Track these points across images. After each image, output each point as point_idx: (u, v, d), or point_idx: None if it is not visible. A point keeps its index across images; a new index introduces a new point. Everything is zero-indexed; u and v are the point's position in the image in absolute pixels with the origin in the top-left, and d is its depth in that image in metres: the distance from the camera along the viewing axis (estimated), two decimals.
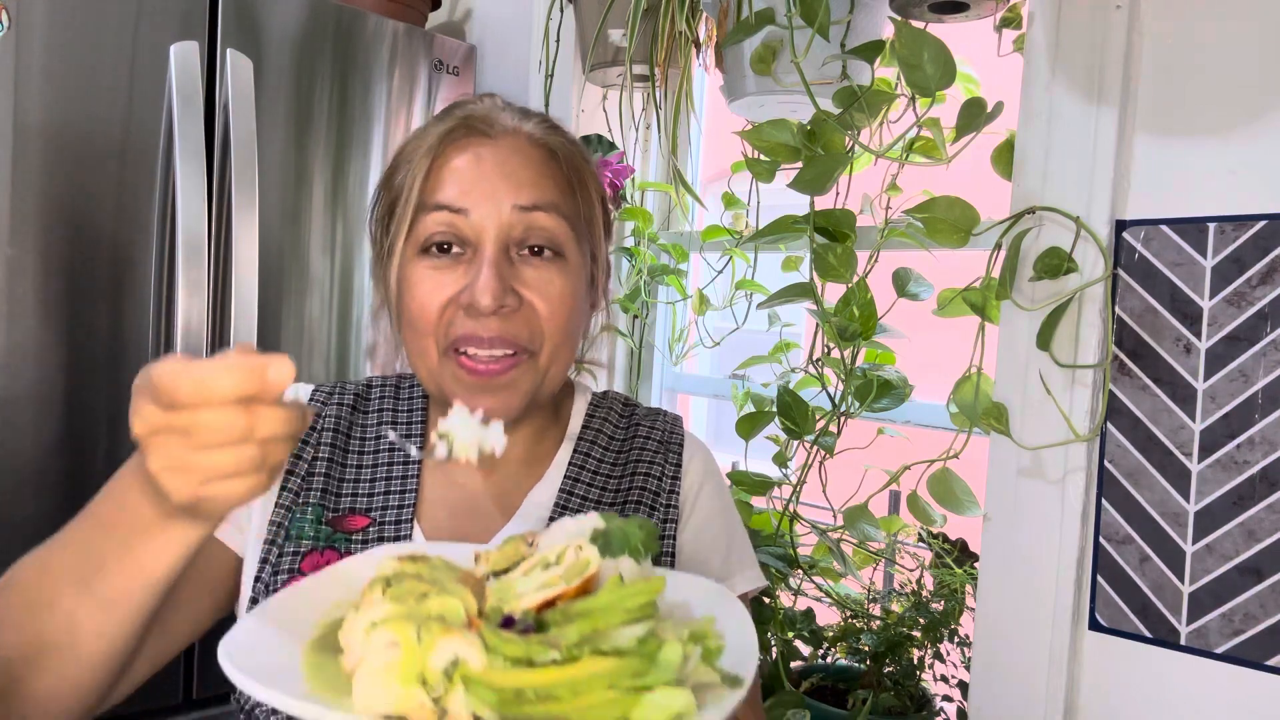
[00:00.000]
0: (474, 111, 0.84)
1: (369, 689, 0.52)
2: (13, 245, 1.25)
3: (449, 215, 0.79)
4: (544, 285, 0.80)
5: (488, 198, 0.79)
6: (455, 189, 0.80)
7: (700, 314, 1.61)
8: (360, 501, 0.84)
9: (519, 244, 0.80)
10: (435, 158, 0.81)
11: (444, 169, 0.81)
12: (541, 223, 0.80)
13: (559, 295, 0.81)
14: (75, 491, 1.32)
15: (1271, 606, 0.90)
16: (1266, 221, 0.90)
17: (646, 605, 0.56)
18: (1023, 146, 1.03)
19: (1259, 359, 0.91)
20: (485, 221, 0.79)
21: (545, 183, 0.82)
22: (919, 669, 1.19)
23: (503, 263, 0.79)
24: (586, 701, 0.50)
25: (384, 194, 0.86)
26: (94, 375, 1.33)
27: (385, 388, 0.93)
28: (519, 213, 0.80)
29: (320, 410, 0.89)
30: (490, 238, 0.79)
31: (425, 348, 0.80)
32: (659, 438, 0.92)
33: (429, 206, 0.80)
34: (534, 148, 0.83)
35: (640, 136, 1.72)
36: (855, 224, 1.16)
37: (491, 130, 0.83)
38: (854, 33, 1.10)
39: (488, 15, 1.87)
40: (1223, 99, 0.93)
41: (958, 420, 1.09)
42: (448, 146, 0.82)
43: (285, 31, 1.50)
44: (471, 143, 0.82)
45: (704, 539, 0.90)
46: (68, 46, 1.29)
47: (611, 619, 0.55)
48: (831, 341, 1.22)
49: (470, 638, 0.53)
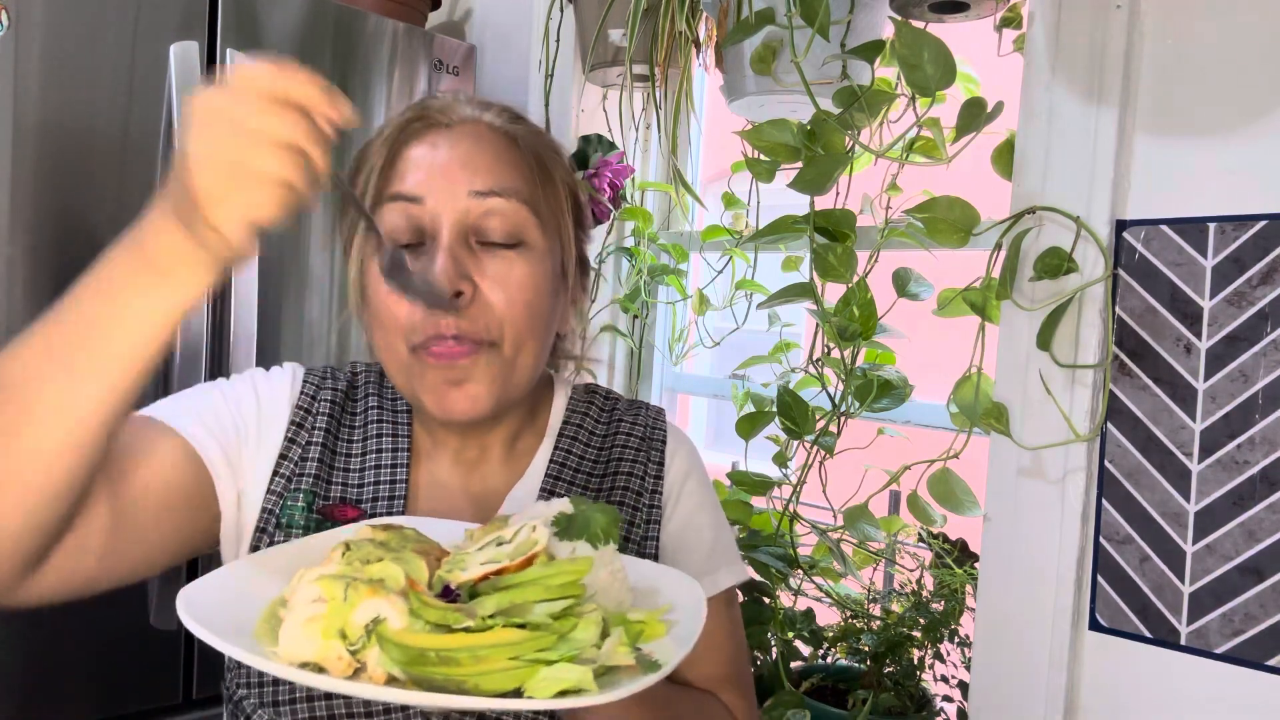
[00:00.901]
0: (431, 104, 0.83)
1: (293, 638, 0.56)
2: (12, 245, 1.25)
3: (405, 205, 0.78)
4: (502, 274, 0.79)
5: (443, 184, 0.78)
6: (411, 178, 0.79)
7: (700, 314, 1.61)
8: (351, 492, 0.84)
9: (477, 231, 0.79)
10: (391, 148, 0.80)
11: (400, 160, 0.80)
12: (499, 208, 0.79)
13: (518, 283, 0.79)
14: None
15: (1272, 606, 0.90)
16: (1267, 221, 0.90)
17: (569, 585, 0.58)
18: (1023, 146, 1.03)
19: (1259, 359, 0.91)
20: (440, 209, 0.78)
21: (503, 168, 0.80)
22: (919, 669, 1.19)
23: (460, 250, 0.77)
24: (485, 668, 0.53)
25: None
26: None
27: (370, 376, 0.92)
28: (475, 198, 0.78)
29: (315, 394, 0.87)
30: (446, 224, 0.78)
31: (395, 348, 0.80)
32: (641, 433, 0.92)
33: (385, 198, 0.79)
34: (493, 134, 0.82)
35: (640, 136, 1.72)
36: (855, 224, 1.16)
37: (449, 119, 0.82)
38: (854, 33, 1.10)
39: (488, 15, 1.87)
40: (1223, 99, 0.93)
41: (958, 420, 1.09)
42: (405, 137, 0.81)
43: (285, 31, 1.50)
44: (428, 133, 0.81)
45: (688, 534, 0.90)
46: (67, 46, 1.29)
47: (530, 594, 0.58)
48: (831, 341, 1.22)
49: (395, 600, 0.56)
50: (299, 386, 0.87)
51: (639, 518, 0.87)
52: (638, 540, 0.87)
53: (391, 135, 0.81)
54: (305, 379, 0.88)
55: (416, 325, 0.78)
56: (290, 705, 0.75)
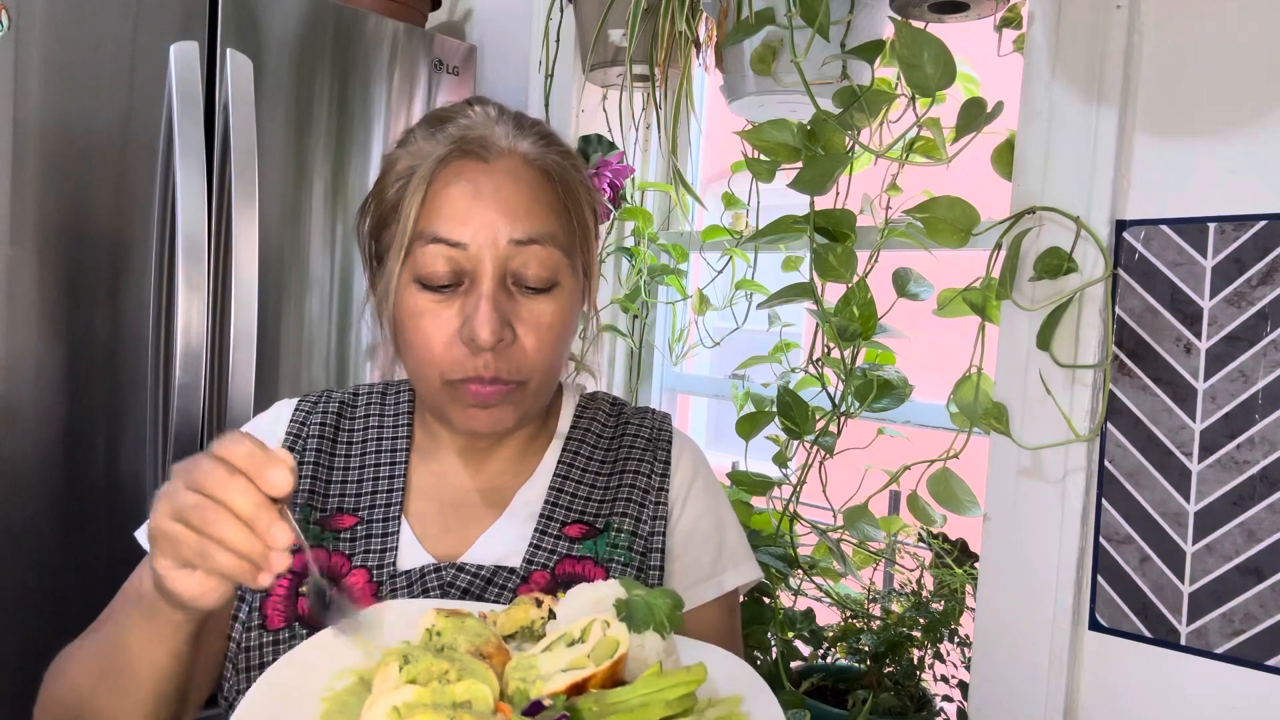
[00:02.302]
0: (469, 133, 0.83)
1: None
2: (13, 245, 1.25)
3: (447, 250, 0.80)
4: (535, 318, 0.82)
5: (485, 230, 0.80)
6: (452, 221, 0.80)
7: (700, 314, 1.61)
8: (348, 501, 0.86)
9: (516, 278, 0.82)
10: (430, 184, 0.81)
11: (440, 196, 0.81)
12: (537, 255, 0.81)
13: (549, 325, 0.83)
14: (75, 492, 1.32)
15: (1272, 606, 0.90)
16: (1266, 221, 0.90)
17: (687, 698, 0.54)
18: (1023, 146, 1.03)
19: (1259, 359, 0.91)
20: (482, 254, 0.80)
21: (540, 211, 0.83)
22: (919, 669, 1.19)
23: (500, 296, 0.80)
24: None
25: (375, 206, 0.86)
26: (93, 375, 1.33)
27: (372, 394, 0.95)
28: (515, 246, 0.81)
29: (305, 420, 0.91)
30: (487, 272, 0.80)
31: (429, 376, 0.82)
32: (647, 435, 0.93)
33: (426, 237, 0.81)
34: (529, 171, 0.83)
35: (640, 136, 1.72)
36: (855, 224, 1.16)
37: (488, 155, 0.83)
38: (854, 33, 1.10)
39: (488, 15, 1.87)
40: (1223, 99, 0.93)
41: (958, 420, 1.09)
42: (443, 172, 0.82)
43: (285, 31, 1.50)
44: (466, 169, 0.82)
45: (695, 537, 0.90)
46: (68, 47, 1.29)
47: (652, 714, 0.54)
48: (831, 341, 1.22)
49: None
50: (287, 421, 0.91)
51: (645, 515, 0.88)
52: (644, 538, 0.87)
53: (429, 172, 0.82)
54: (296, 408, 0.92)
55: (456, 363, 0.81)
56: None
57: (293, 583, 0.81)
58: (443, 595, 0.81)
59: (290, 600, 0.81)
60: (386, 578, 0.82)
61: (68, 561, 1.31)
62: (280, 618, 0.80)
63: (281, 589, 0.81)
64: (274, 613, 0.81)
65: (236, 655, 0.80)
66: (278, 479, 0.60)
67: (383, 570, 0.82)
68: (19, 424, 1.27)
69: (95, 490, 1.33)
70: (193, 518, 0.60)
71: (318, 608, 0.67)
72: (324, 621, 0.67)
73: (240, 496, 0.59)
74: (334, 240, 1.58)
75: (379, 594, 0.81)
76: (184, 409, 1.36)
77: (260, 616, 0.80)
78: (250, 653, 0.80)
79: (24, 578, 1.28)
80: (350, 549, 0.83)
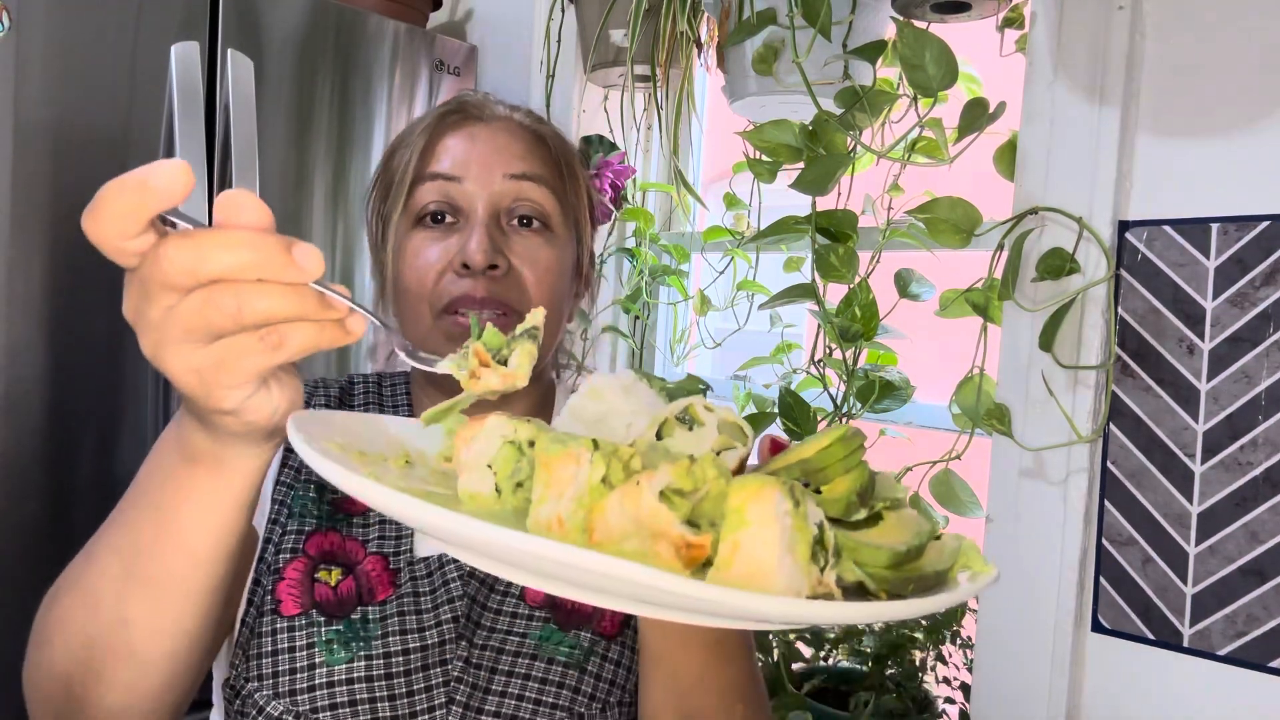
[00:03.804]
0: (469, 99, 0.89)
1: (784, 569, 0.40)
2: (13, 245, 1.25)
3: (444, 183, 0.83)
4: (531, 254, 0.84)
5: (480, 167, 0.84)
6: (448, 158, 0.84)
7: (701, 315, 1.61)
8: None
9: (509, 213, 0.84)
10: (432, 135, 0.86)
11: (439, 144, 0.85)
12: (530, 193, 0.84)
13: (545, 264, 0.84)
14: (72, 491, 1.32)
15: (1275, 608, 0.89)
16: (1269, 222, 0.90)
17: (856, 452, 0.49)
18: (1025, 147, 1.03)
19: (1262, 360, 0.90)
20: (477, 188, 0.83)
21: (534, 158, 0.86)
22: (921, 671, 1.19)
23: (494, 228, 0.83)
24: (937, 553, 0.45)
25: (381, 176, 0.89)
26: (93, 375, 1.32)
27: (368, 383, 0.93)
28: (509, 181, 0.84)
29: (309, 397, 0.89)
30: (482, 203, 0.83)
31: (419, 312, 0.83)
32: None
33: (425, 177, 0.84)
34: (524, 130, 0.88)
35: (641, 137, 1.72)
36: (857, 224, 1.15)
37: (484, 114, 0.88)
38: (856, 33, 1.10)
39: (489, 15, 1.87)
40: (1225, 99, 0.93)
41: (960, 421, 1.08)
42: (444, 125, 0.86)
43: (286, 31, 1.50)
44: (466, 123, 0.87)
45: None
46: (69, 47, 1.28)
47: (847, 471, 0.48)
48: (833, 342, 1.22)
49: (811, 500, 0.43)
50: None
51: None
52: None
53: (431, 124, 0.86)
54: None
55: (445, 289, 0.81)
56: (309, 692, 0.74)
57: (307, 566, 0.79)
58: (463, 584, 0.79)
59: (305, 585, 0.78)
60: (404, 564, 0.80)
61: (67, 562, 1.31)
62: (295, 604, 0.77)
63: (296, 572, 0.78)
64: (288, 598, 0.77)
65: (248, 641, 0.76)
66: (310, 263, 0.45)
67: (399, 557, 0.81)
68: (19, 423, 1.27)
69: (95, 490, 1.33)
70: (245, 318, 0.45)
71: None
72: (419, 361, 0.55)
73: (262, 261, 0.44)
74: (335, 240, 1.58)
75: (396, 581, 0.79)
76: None
77: (274, 601, 0.77)
78: (261, 639, 0.76)
79: (24, 578, 1.28)
80: (364, 535, 0.82)
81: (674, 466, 0.41)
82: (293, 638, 0.76)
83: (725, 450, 0.49)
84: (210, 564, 0.57)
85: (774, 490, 0.40)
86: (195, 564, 0.57)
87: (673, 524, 0.40)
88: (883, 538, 0.44)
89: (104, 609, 0.59)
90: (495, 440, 0.46)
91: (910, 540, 0.44)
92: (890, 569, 0.43)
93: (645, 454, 0.46)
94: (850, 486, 0.46)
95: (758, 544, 0.39)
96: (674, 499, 0.41)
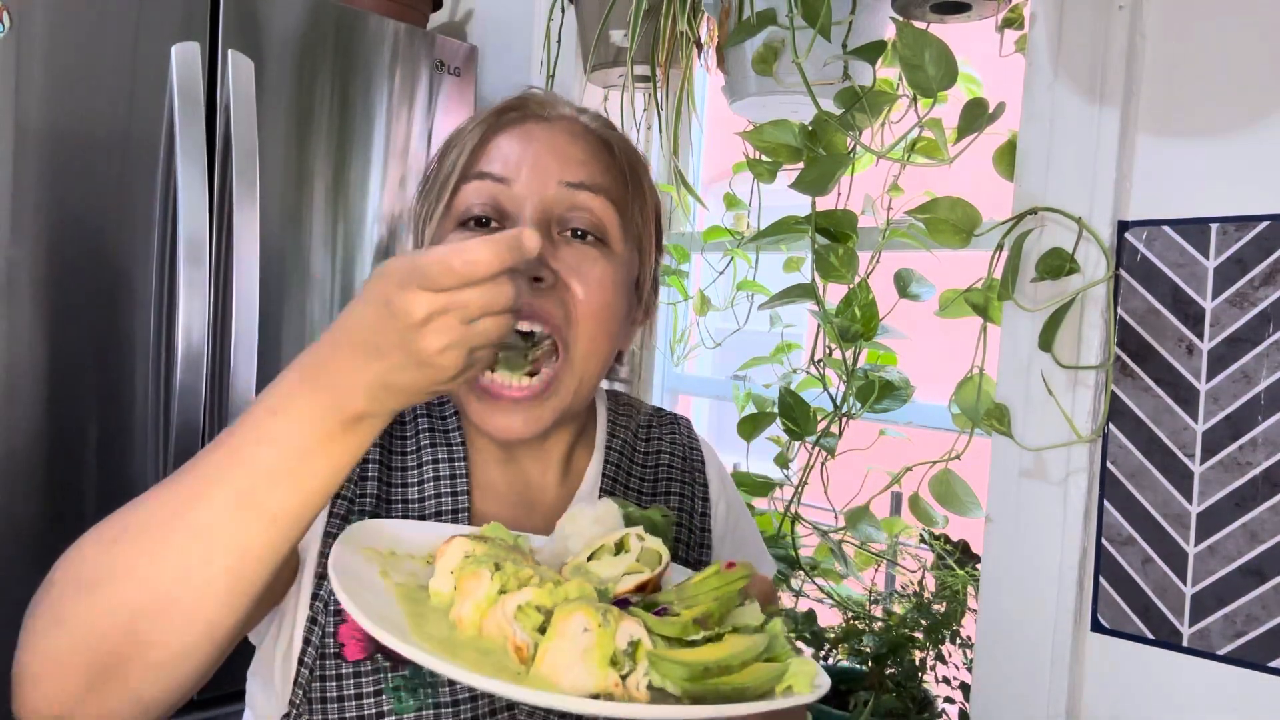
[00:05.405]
0: (533, 95, 0.81)
1: (572, 671, 0.54)
2: (14, 246, 1.25)
3: (490, 184, 0.75)
4: (582, 267, 0.74)
5: (533, 171, 0.75)
6: (501, 161, 0.76)
7: (702, 315, 1.61)
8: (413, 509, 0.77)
9: (561, 223, 0.75)
10: (486, 131, 0.78)
11: (492, 142, 0.77)
12: (587, 203, 0.75)
13: (597, 280, 0.74)
14: (75, 492, 1.32)
15: (1274, 608, 0.89)
16: (1269, 222, 0.90)
17: (738, 593, 0.61)
18: (1025, 147, 1.03)
19: (1261, 360, 0.90)
20: (527, 193, 0.74)
21: (597, 166, 0.77)
22: (921, 671, 1.19)
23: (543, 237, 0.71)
24: (752, 672, 0.55)
25: (433, 175, 0.82)
26: (94, 375, 1.33)
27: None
28: (564, 189, 0.75)
29: None
30: (529, 208, 0.74)
31: None
32: (682, 454, 0.90)
33: (471, 176, 0.76)
34: (589, 135, 0.79)
35: (642, 137, 1.72)
36: (857, 225, 1.16)
37: (546, 112, 0.79)
38: (855, 33, 1.10)
39: (489, 16, 1.87)
40: (1225, 99, 0.93)
41: (959, 421, 1.09)
42: (501, 121, 0.78)
43: (286, 32, 1.50)
44: (526, 121, 0.79)
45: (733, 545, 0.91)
46: (69, 48, 1.28)
47: (731, 602, 0.60)
48: (833, 342, 1.22)
49: (636, 621, 0.56)
50: None
51: (693, 540, 0.86)
52: (693, 564, 0.84)
53: (488, 120, 0.78)
54: None
55: None
56: None
57: None
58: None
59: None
60: None
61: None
62: (359, 648, 0.71)
63: None
64: (351, 641, 0.72)
65: (310, 684, 0.71)
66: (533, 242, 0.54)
67: None
68: (19, 424, 1.27)
69: (93, 487, 1.33)
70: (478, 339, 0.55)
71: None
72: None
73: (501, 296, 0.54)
74: (335, 241, 1.58)
75: None
76: (185, 410, 1.36)
77: (336, 645, 0.71)
78: (326, 683, 0.70)
79: (23, 578, 1.28)
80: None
81: (539, 589, 0.57)
82: (359, 684, 0.71)
83: (631, 574, 0.63)
84: (314, 512, 0.58)
85: (578, 612, 0.54)
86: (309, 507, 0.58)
87: (514, 631, 0.56)
88: (706, 656, 0.55)
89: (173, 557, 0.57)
90: (458, 555, 0.62)
91: (723, 659, 0.55)
92: (690, 681, 0.53)
93: (572, 571, 0.64)
94: (694, 614, 0.58)
95: (555, 651, 0.54)
96: (530, 612, 0.56)
